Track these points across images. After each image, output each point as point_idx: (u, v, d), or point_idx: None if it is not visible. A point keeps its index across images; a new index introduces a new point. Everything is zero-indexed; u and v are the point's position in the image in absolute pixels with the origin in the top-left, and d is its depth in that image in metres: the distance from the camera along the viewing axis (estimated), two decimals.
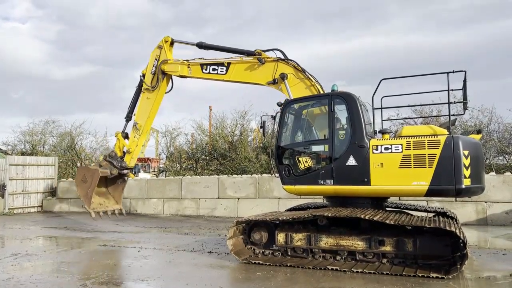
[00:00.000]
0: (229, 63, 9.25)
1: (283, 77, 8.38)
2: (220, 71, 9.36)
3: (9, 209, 16.20)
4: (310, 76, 8.32)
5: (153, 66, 10.40)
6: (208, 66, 9.54)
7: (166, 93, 10.63)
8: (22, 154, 21.42)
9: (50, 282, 5.82)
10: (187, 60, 9.93)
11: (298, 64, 8.45)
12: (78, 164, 20.85)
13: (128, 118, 10.99)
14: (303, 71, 8.38)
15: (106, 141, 23.36)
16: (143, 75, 10.58)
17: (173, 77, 10.51)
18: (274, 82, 8.55)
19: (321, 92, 8.11)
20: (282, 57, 8.62)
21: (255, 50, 8.88)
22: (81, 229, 11.68)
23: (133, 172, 32.84)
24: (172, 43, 10.54)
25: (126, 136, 10.98)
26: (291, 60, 8.55)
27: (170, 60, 10.23)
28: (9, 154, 19.71)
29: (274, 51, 8.76)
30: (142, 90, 10.62)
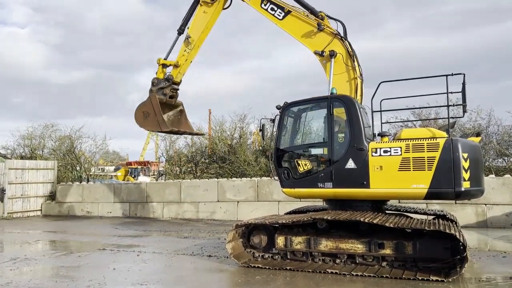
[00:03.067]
0: (289, 11, 8.72)
1: (332, 54, 8.01)
2: (278, 15, 8.85)
3: (8, 213, 16.16)
4: (356, 66, 8.00)
5: None
6: (269, 3, 8.99)
7: (224, 9, 10.06)
8: (21, 158, 21.38)
9: (49, 287, 5.80)
10: None
11: (351, 48, 8.09)
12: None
13: (181, 30, 10.38)
14: (352, 57, 8.03)
15: (105, 144, 23.35)
16: None
17: None
18: (321, 54, 8.18)
19: (360, 88, 7.92)
20: (341, 34, 8.22)
21: (320, 12, 8.47)
22: (81, 233, 11.65)
23: (133, 176, 32.92)
24: None
25: (165, 66, 10.47)
26: (347, 40, 8.18)
27: None
28: (9, 158, 19.67)
29: (337, 21, 8.37)
30: (200, 3, 10.04)
